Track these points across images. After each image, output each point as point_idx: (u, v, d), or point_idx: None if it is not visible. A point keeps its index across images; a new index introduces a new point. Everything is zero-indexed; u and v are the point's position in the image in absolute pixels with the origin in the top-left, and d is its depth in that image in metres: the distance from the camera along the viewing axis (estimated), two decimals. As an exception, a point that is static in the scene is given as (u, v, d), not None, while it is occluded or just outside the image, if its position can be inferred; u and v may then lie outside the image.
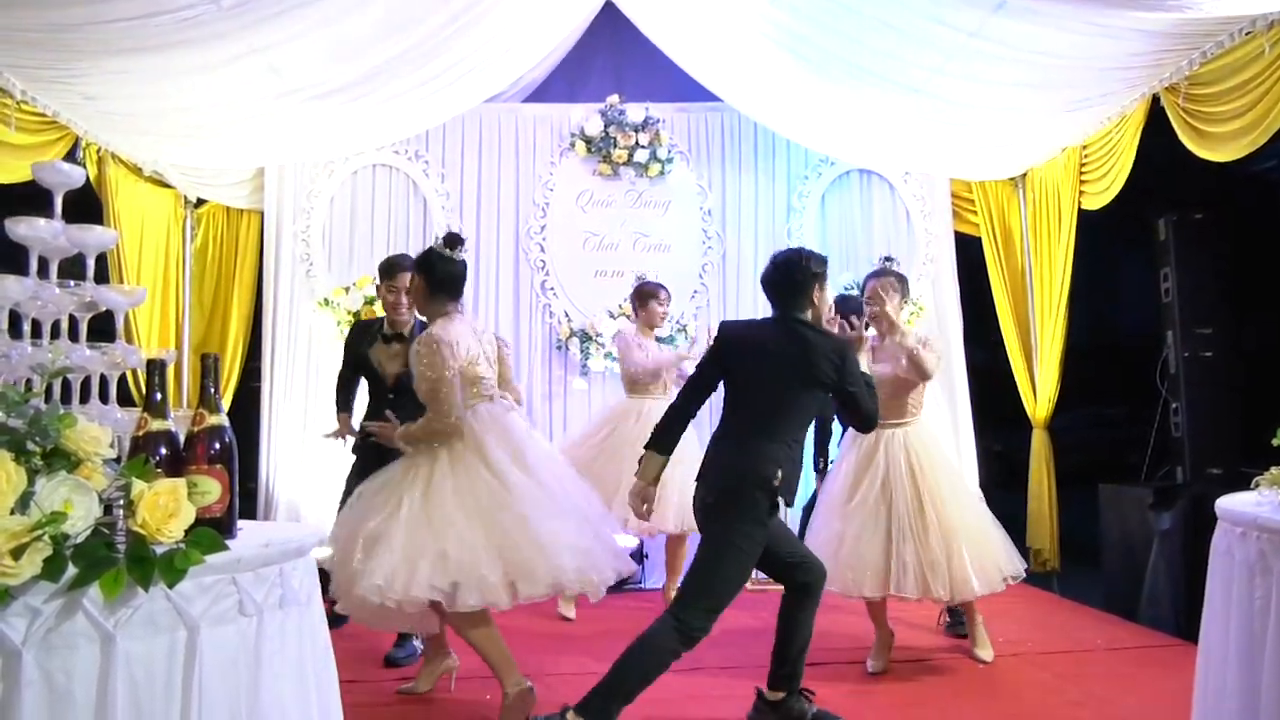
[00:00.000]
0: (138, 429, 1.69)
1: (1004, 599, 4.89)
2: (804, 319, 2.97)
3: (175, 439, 1.70)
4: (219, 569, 1.48)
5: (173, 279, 5.32)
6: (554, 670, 3.69)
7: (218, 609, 1.47)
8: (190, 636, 1.42)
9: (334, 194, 5.68)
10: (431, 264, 3.11)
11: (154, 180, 5.09)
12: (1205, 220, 4.70)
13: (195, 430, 1.71)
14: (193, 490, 1.58)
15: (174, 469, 1.64)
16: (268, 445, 5.42)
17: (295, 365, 5.50)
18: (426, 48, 4.32)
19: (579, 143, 5.78)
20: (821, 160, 5.92)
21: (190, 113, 4.34)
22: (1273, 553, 1.79)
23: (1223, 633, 1.94)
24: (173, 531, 1.44)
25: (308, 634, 1.68)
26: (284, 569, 1.62)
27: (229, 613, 1.49)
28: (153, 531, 1.42)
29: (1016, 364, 5.68)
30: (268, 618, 1.55)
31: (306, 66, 4.15)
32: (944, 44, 4.05)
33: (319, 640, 1.74)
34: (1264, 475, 2.06)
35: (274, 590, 1.58)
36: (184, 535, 1.45)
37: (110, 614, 1.35)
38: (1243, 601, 1.86)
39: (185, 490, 1.50)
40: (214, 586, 1.47)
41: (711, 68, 5.23)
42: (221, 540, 1.48)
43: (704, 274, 5.81)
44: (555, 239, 5.79)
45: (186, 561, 1.40)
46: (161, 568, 1.38)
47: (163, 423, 1.69)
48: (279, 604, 1.59)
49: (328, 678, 1.77)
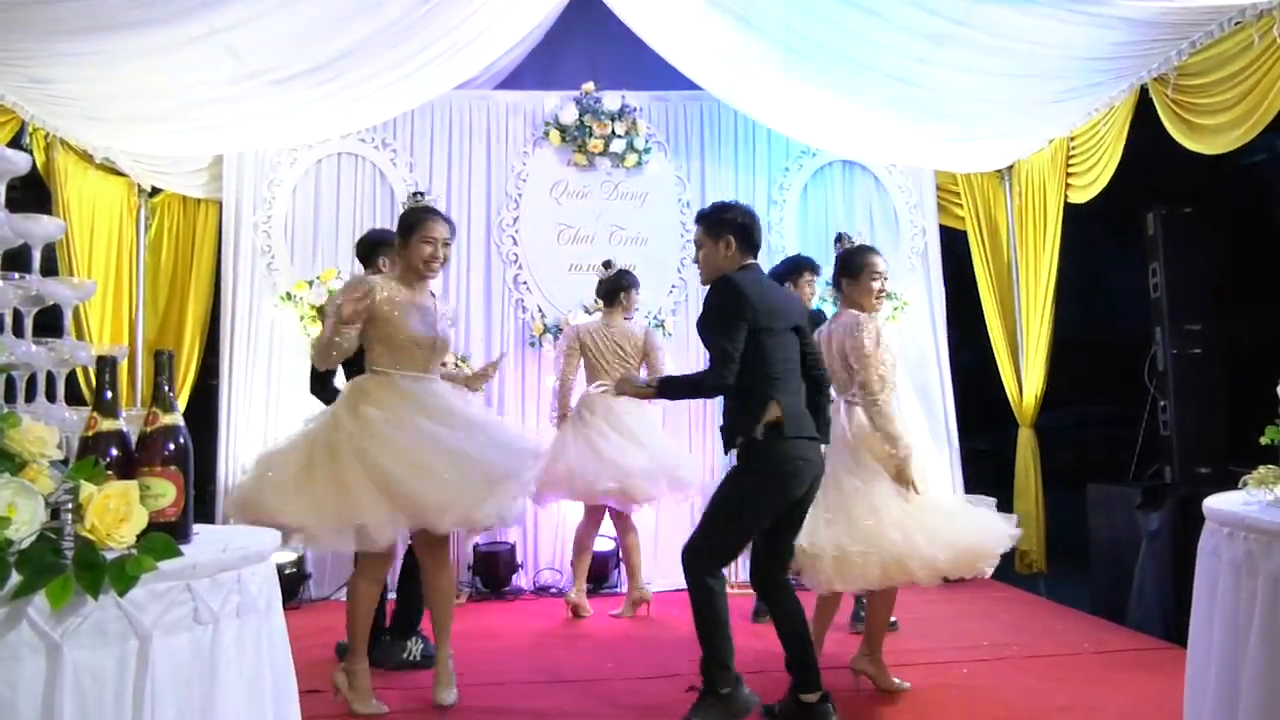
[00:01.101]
0: (87, 429, 1.66)
1: (990, 601, 4.98)
2: None
3: (127, 439, 1.68)
4: (173, 575, 1.46)
5: (125, 271, 5.25)
6: (519, 679, 3.69)
7: (171, 617, 1.45)
8: (142, 646, 1.40)
9: (297, 183, 5.63)
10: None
11: (105, 168, 5.03)
12: (1195, 215, 4.75)
13: (148, 430, 1.69)
14: (145, 493, 1.56)
15: (125, 471, 1.62)
16: (226, 446, 5.36)
17: (255, 362, 5.44)
18: (395, 31, 4.29)
19: (553, 132, 5.76)
20: (804, 151, 5.94)
21: (145, 97, 4.29)
22: (1260, 553, 1.81)
23: (1206, 634, 1.97)
24: (124, 536, 1.42)
25: (266, 643, 1.66)
26: (242, 575, 1.60)
27: (183, 621, 1.47)
28: (102, 536, 1.40)
29: (1002, 360, 5.73)
30: (224, 626, 1.53)
31: (268, 49, 4.11)
32: (929, 31, 4.08)
33: (278, 650, 1.72)
34: (1252, 474, 2.09)
35: (231, 597, 1.56)
36: (136, 540, 1.43)
37: (57, 623, 1.33)
38: (1228, 603, 1.89)
39: (137, 493, 1.48)
40: (167, 594, 1.45)
41: (690, 54, 5.23)
42: (175, 545, 1.46)
43: (682, 268, 5.82)
44: (528, 231, 5.77)
45: (138, 568, 1.38)
46: (112, 574, 1.36)
47: (113, 422, 1.66)
48: (236, 612, 1.57)
49: (287, 689, 1.76)
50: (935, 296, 5.94)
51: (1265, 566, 1.79)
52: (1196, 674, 2.04)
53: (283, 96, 4.53)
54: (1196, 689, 2.03)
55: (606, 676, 3.73)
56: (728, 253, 3.07)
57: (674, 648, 4.04)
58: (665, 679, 3.57)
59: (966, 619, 4.57)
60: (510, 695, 3.49)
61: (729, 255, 3.07)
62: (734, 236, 3.07)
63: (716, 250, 3.09)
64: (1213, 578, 1.99)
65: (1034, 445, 5.59)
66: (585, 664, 3.92)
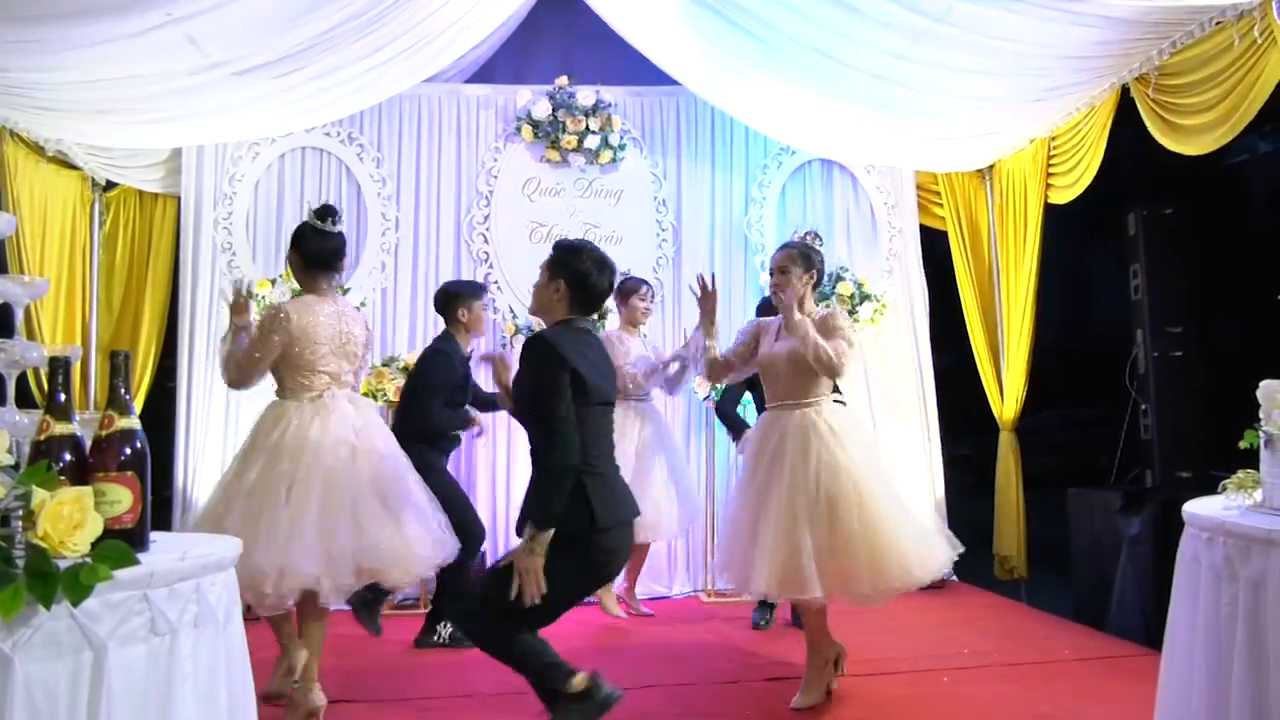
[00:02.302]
0: (39, 433, 1.65)
1: (971, 608, 5.03)
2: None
3: (81, 444, 1.67)
4: (129, 585, 1.45)
5: (79, 269, 5.19)
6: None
7: (127, 628, 1.44)
8: (96, 658, 1.40)
9: (259, 178, 5.58)
10: (304, 237, 3.28)
11: (58, 161, 4.96)
12: (1176, 216, 4.83)
13: (103, 434, 1.68)
14: (100, 499, 1.55)
15: (79, 476, 1.61)
16: (185, 450, 5.31)
17: (215, 365, 5.35)
18: (362, 21, 4.26)
19: (525, 127, 5.75)
20: (782, 149, 5.97)
21: (99, 87, 4.24)
22: (1239, 558, 1.85)
23: (1188, 642, 2.00)
24: (77, 544, 1.41)
25: (225, 655, 1.65)
26: (201, 584, 1.59)
27: (139, 632, 1.46)
28: (55, 544, 1.39)
29: (983, 363, 5.79)
30: (182, 637, 1.53)
31: (229, 39, 4.07)
32: (909, 28, 4.12)
33: (237, 662, 1.71)
34: (1231, 479, 2.13)
35: (189, 607, 1.56)
36: (90, 548, 1.43)
37: (8, 634, 1.32)
38: (1209, 609, 1.92)
39: (92, 499, 1.47)
40: (123, 604, 1.44)
41: (666, 49, 5.24)
42: (132, 554, 1.46)
43: (658, 268, 5.83)
44: (500, 229, 5.75)
45: (93, 577, 1.38)
46: (65, 584, 1.35)
47: (67, 426, 1.65)
48: (194, 622, 1.56)
49: (245, 703, 1.75)
50: (917, 298, 5.99)
51: (1244, 572, 1.82)
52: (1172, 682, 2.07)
53: (244, 88, 4.49)
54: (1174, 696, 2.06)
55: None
56: (555, 297, 2.84)
57: (661, 663, 4.06)
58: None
59: (947, 626, 4.61)
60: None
61: (557, 300, 2.84)
62: (566, 284, 2.83)
63: (548, 287, 2.86)
64: (1193, 584, 2.03)
65: (1015, 449, 5.65)
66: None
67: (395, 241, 5.68)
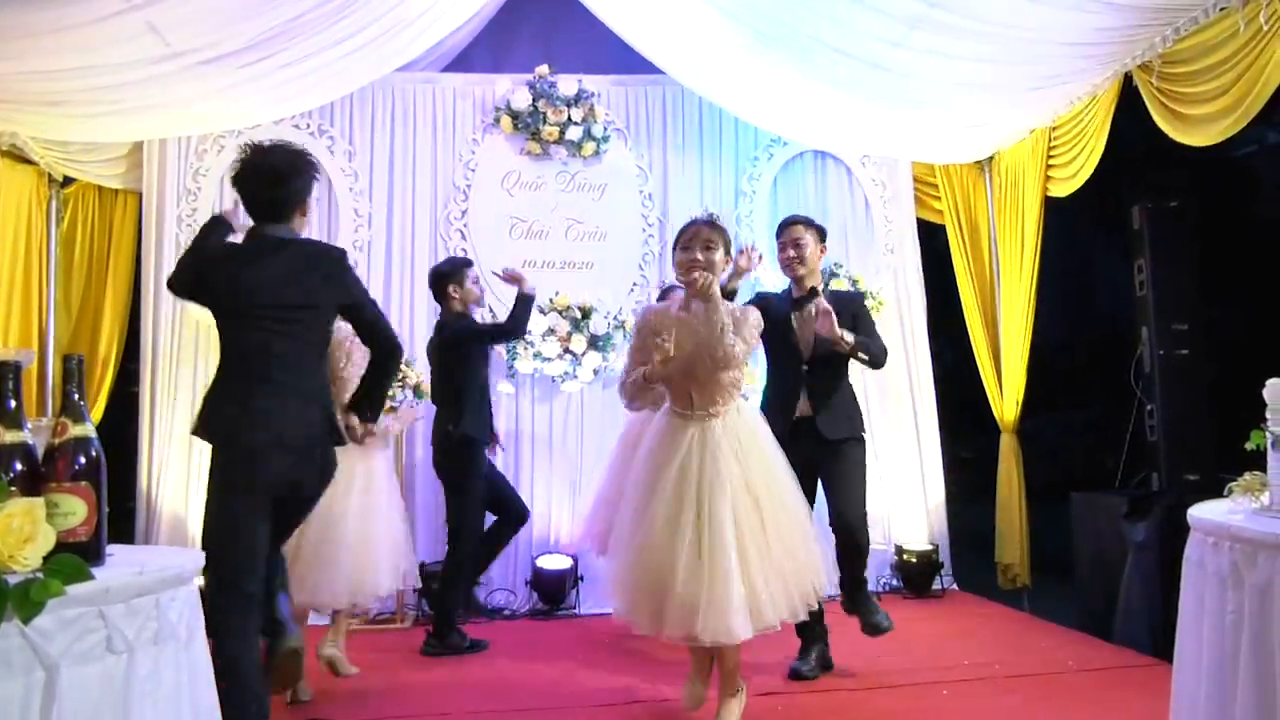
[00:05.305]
0: (-12, 441, 1.63)
1: (971, 618, 5.04)
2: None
3: (32, 452, 1.65)
4: (83, 601, 1.44)
5: (34, 269, 5.15)
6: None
7: (81, 646, 1.43)
8: (48, 678, 1.39)
9: (225, 173, 5.55)
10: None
11: (12, 155, 4.93)
12: (1182, 209, 4.84)
13: (56, 442, 1.66)
14: (52, 511, 1.55)
15: (31, 487, 1.59)
16: (148, 459, 5.28)
17: (180, 368, 5.36)
18: (332, 7, 4.25)
19: (504, 118, 5.75)
20: (773, 140, 5.99)
21: (55, 78, 4.21)
22: (1245, 564, 1.86)
23: (1195, 650, 2.01)
24: (28, 558, 1.41)
25: (187, 674, 1.64)
26: (160, 600, 1.59)
27: (94, 650, 1.45)
28: (5, 559, 1.39)
29: (983, 362, 5.81)
30: (140, 655, 1.52)
31: (193, 26, 4.05)
32: (904, 14, 4.13)
33: (200, 681, 1.71)
34: (1238, 481, 2.14)
35: (148, 624, 1.55)
36: (42, 563, 1.42)
37: (-47, 654, 1.30)
38: (1214, 616, 1.93)
39: (43, 511, 1.47)
40: (77, 621, 1.43)
41: (651, 36, 5.25)
42: (86, 568, 1.45)
43: (644, 265, 5.83)
44: (478, 225, 5.75)
45: (44, 593, 1.37)
46: (15, 600, 1.34)
47: (17, 434, 1.64)
48: (154, 639, 1.55)
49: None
50: (914, 293, 6.01)
51: (1250, 578, 1.83)
52: (1183, 692, 2.08)
53: (209, 78, 4.47)
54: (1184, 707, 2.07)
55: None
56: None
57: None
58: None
59: (947, 637, 4.63)
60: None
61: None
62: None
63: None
64: (1199, 590, 2.04)
65: (1017, 452, 5.67)
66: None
67: (368, 239, 5.67)
